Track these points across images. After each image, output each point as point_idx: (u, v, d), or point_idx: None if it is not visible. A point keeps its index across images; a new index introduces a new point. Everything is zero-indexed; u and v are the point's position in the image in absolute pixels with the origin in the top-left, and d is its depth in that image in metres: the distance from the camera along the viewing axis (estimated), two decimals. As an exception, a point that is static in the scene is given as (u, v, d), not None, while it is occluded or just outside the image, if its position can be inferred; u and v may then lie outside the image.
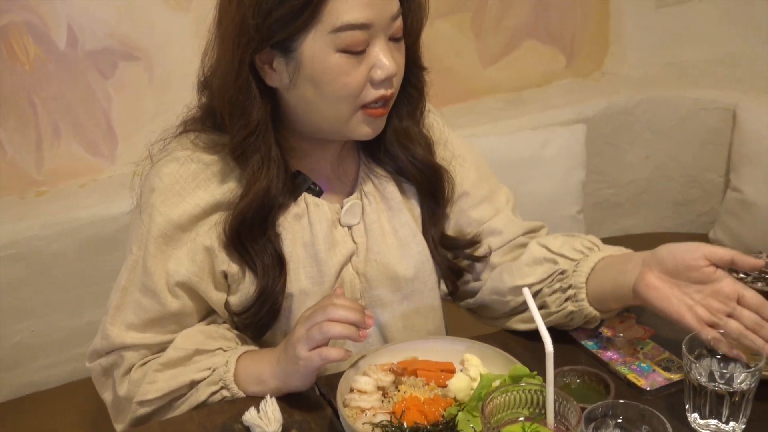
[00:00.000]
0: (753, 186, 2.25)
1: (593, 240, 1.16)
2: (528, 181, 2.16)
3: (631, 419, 0.85)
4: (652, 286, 1.01)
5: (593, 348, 1.13)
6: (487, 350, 1.05)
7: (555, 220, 2.19)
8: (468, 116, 2.36)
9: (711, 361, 0.98)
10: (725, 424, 0.94)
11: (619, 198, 2.58)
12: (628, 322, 1.14)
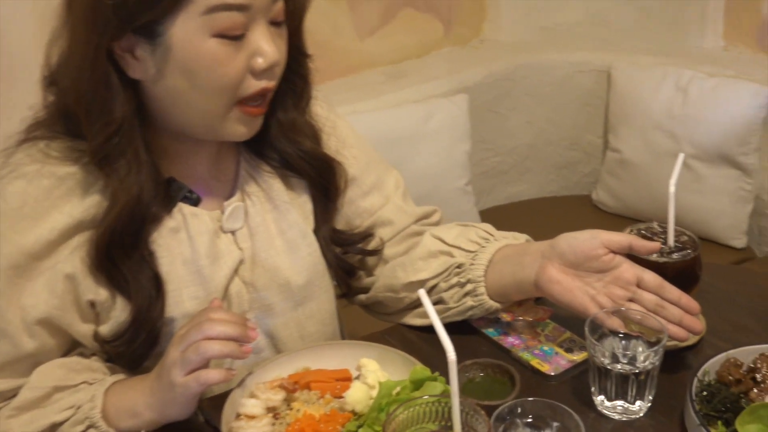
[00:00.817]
0: (630, 145, 2.30)
1: (488, 229, 1.10)
2: (414, 156, 2.11)
3: (541, 416, 0.81)
4: (554, 280, 0.97)
5: (494, 335, 1.08)
6: (385, 352, 0.98)
7: (443, 193, 2.15)
8: (348, 92, 2.27)
9: (613, 340, 0.95)
10: (632, 404, 0.92)
11: (504, 166, 2.58)
12: (526, 303, 1.10)
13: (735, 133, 2.10)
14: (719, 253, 2.17)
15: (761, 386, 0.89)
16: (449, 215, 2.16)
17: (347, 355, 0.99)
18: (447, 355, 0.72)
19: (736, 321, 1.10)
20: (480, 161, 2.49)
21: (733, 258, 2.18)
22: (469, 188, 2.22)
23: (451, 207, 2.16)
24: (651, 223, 1.08)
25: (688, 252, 1.01)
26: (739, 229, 2.19)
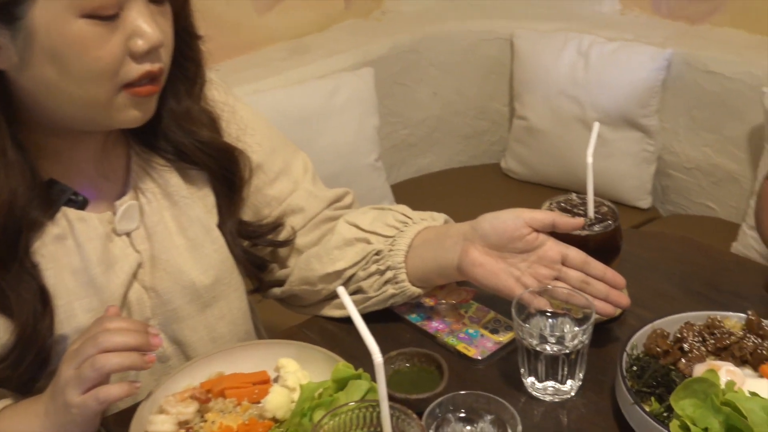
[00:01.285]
0: (535, 112, 2.29)
1: (405, 211, 1.05)
2: (321, 134, 2.03)
3: (474, 408, 0.77)
4: (477, 263, 0.92)
5: (417, 321, 1.04)
6: (305, 350, 0.92)
7: (354, 170, 2.09)
8: (248, 70, 2.16)
9: (541, 319, 0.92)
10: (563, 384, 0.89)
11: (413, 138, 2.53)
12: (448, 286, 1.06)
13: (636, 96, 2.13)
14: (626, 215, 2.21)
15: (689, 356, 0.88)
16: (361, 192, 2.11)
17: (264, 355, 0.92)
18: (373, 358, 0.66)
19: (657, 288, 1.10)
20: (388, 135, 2.44)
21: (639, 219, 2.23)
22: (380, 164, 2.17)
23: (362, 184, 2.11)
24: (569, 195, 1.05)
25: (609, 223, 0.99)
26: (644, 189, 2.23)
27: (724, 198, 2.18)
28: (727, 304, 1.05)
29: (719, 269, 1.14)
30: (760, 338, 0.89)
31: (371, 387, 0.83)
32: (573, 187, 2.32)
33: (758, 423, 0.72)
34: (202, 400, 0.84)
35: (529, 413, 0.89)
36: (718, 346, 0.89)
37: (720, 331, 0.90)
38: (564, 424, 0.87)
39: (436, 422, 0.75)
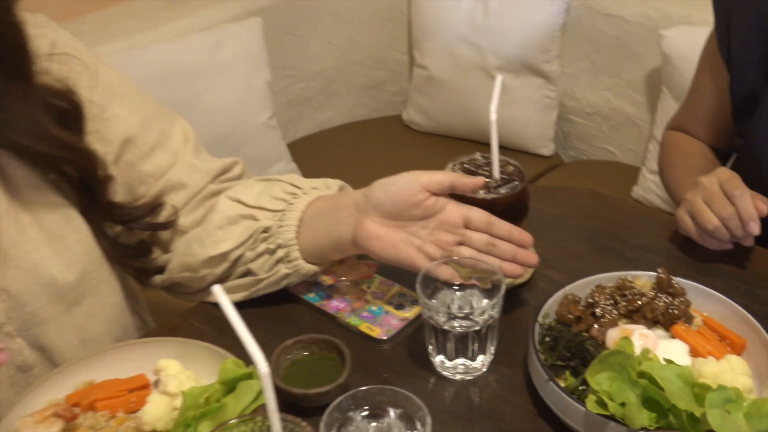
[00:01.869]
0: (436, 61, 2.21)
1: (295, 181, 0.95)
2: (206, 92, 1.87)
3: (378, 403, 0.69)
4: (373, 235, 0.84)
5: (316, 300, 0.95)
6: (189, 346, 0.82)
7: (246, 131, 1.96)
8: (122, 23, 1.97)
9: (449, 293, 0.86)
10: (473, 360, 0.83)
11: (309, 92, 2.41)
12: (348, 260, 0.98)
13: (536, 41, 2.08)
14: (529, 163, 2.19)
15: (601, 321, 0.84)
16: (255, 154, 1.99)
17: (142, 356, 0.81)
18: (257, 368, 0.57)
19: (566, 246, 1.05)
20: (282, 90, 2.30)
21: (543, 166, 2.20)
22: (274, 122, 2.04)
23: (255, 145, 1.98)
24: (473, 155, 0.98)
25: (516, 184, 0.92)
26: (547, 136, 2.21)
27: (623, 142, 2.18)
28: (636, 259, 1.02)
29: (627, 223, 1.11)
30: (671, 296, 0.86)
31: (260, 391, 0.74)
32: (477, 137, 2.28)
33: (675, 392, 0.68)
34: (68, 418, 0.73)
35: (440, 394, 0.82)
36: (630, 308, 0.84)
37: (631, 292, 0.86)
38: (476, 404, 0.81)
39: (337, 424, 0.67)
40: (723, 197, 0.94)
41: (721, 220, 0.94)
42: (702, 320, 0.85)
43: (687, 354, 0.80)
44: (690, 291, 0.87)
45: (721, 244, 0.98)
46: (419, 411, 0.66)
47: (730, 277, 0.97)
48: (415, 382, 0.84)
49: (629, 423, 0.68)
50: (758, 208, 0.92)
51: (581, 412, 0.71)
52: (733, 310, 0.84)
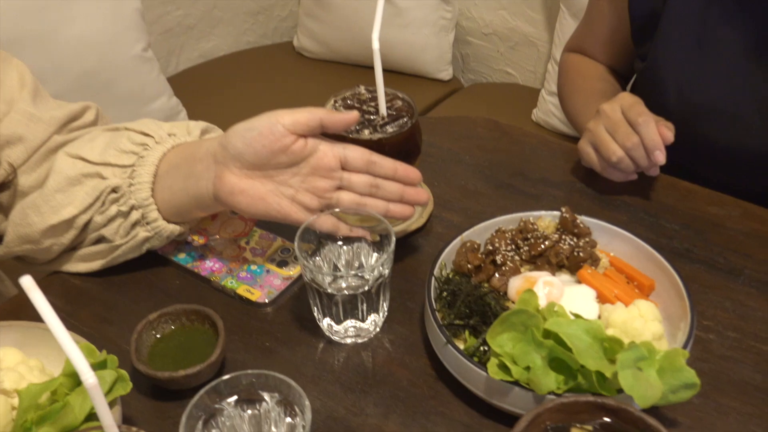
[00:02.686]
0: (324, -19, 2.06)
1: (147, 129, 0.81)
2: (66, 23, 1.66)
3: (249, 388, 0.60)
4: (236, 190, 0.72)
5: (187, 262, 0.84)
6: (33, 331, 0.69)
7: (118, 65, 1.76)
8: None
9: (333, 248, 0.76)
10: (363, 321, 0.75)
11: (190, 19, 2.21)
12: (221, 215, 0.86)
13: (429, -43, 1.95)
14: (428, 88, 2.09)
15: (503, 269, 0.76)
16: (130, 90, 1.80)
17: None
18: (83, 380, 0.46)
19: (463, 185, 0.97)
20: (158, 18, 2.10)
21: (442, 91, 2.11)
22: (150, 53, 1.84)
23: (130, 80, 1.79)
24: (357, 88, 0.87)
25: (405, 120, 0.82)
26: (444, 60, 2.11)
27: (522, 63, 2.12)
28: (538, 195, 0.95)
29: (528, 155, 1.03)
30: (576, 238, 0.79)
31: (119, 376, 0.63)
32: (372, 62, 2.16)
33: (583, 350, 0.61)
34: None
35: (329, 362, 0.74)
36: (533, 253, 0.77)
37: (534, 235, 0.79)
38: (369, 370, 0.73)
39: (204, 417, 0.57)
40: (627, 126, 0.88)
41: (626, 151, 0.88)
42: (608, 261, 0.79)
43: (594, 300, 0.74)
44: (595, 230, 0.81)
45: (625, 176, 0.93)
46: (299, 398, 0.57)
47: (636, 209, 0.92)
48: (302, 349, 0.75)
49: (535, 388, 0.62)
50: (663, 136, 0.86)
51: (483, 377, 0.64)
52: (640, 248, 0.78)
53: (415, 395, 0.70)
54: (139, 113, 1.82)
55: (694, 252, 0.85)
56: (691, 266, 0.83)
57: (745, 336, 0.75)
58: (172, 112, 1.90)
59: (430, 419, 0.67)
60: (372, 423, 0.68)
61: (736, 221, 0.90)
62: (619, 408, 0.57)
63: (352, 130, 0.80)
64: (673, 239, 0.87)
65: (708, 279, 0.82)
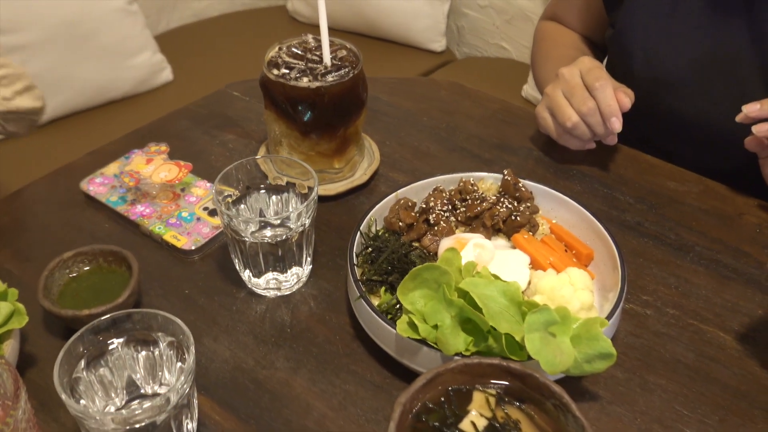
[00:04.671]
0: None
1: None
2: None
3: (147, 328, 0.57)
4: None
5: (119, 205, 0.81)
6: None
7: (99, 16, 1.73)
8: None
9: (260, 196, 0.73)
10: (283, 273, 0.72)
11: (184, -24, 2.17)
12: (156, 161, 0.83)
13: None
14: (419, 58, 2.05)
15: (435, 229, 0.73)
16: (113, 40, 1.77)
17: None
18: None
19: (417, 146, 0.93)
20: (151, -27, 2.07)
21: (433, 62, 2.07)
22: (135, 7, 1.81)
23: (113, 33, 1.76)
24: (304, 36, 0.83)
25: (347, 71, 0.79)
26: (438, 30, 2.06)
27: (516, 37, 2.07)
28: (492, 161, 0.91)
29: (489, 120, 1.00)
30: (516, 201, 0.76)
31: (16, 309, 0.61)
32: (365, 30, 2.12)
33: (497, 312, 0.58)
34: None
35: (246, 313, 0.71)
36: (469, 214, 0.74)
37: (472, 197, 0.75)
38: (287, 324, 0.70)
39: (88, 354, 0.55)
40: (584, 90, 0.84)
41: (581, 116, 0.84)
42: (549, 228, 0.76)
43: (527, 266, 0.71)
44: (539, 196, 0.77)
45: (582, 144, 0.89)
46: (187, 339, 0.54)
47: (591, 180, 0.88)
48: (221, 299, 0.72)
49: (442, 348, 0.59)
50: (621, 102, 0.82)
51: (392, 335, 0.61)
52: (583, 217, 0.74)
53: (329, 352, 0.67)
54: (121, 66, 1.79)
55: (645, 226, 0.82)
56: (639, 240, 0.80)
57: (685, 313, 0.71)
58: (156, 68, 1.87)
59: (340, 376, 0.65)
60: (280, 377, 0.65)
61: (695, 198, 0.86)
62: (524, 373, 0.54)
63: (292, 77, 0.77)
64: (625, 212, 0.84)
65: (655, 254, 0.78)
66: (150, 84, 1.86)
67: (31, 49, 1.63)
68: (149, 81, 1.86)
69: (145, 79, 1.85)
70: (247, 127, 0.96)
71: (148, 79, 1.86)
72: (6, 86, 0.90)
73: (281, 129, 0.81)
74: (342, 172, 0.85)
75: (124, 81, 1.82)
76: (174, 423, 0.54)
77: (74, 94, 1.74)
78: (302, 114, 0.78)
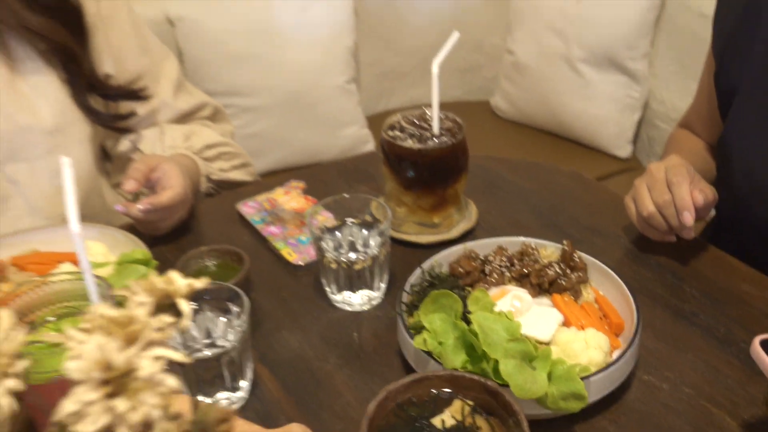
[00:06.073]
0: (523, 47, 2.20)
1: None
2: (289, 48, 2.00)
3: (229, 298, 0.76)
4: None
5: (258, 224, 1.03)
6: (118, 235, 0.93)
7: (322, 90, 2.06)
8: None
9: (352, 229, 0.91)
10: (354, 292, 0.87)
11: (405, 67, 2.47)
12: (291, 191, 1.05)
13: (623, 36, 2.01)
14: (601, 162, 2.12)
15: (488, 279, 0.85)
16: (329, 113, 2.10)
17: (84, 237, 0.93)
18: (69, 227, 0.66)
19: (516, 217, 1.05)
20: (376, 62, 2.39)
21: (616, 167, 2.13)
22: (352, 87, 2.13)
23: (330, 105, 2.08)
24: (423, 109, 1.01)
25: (449, 139, 0.95)
26: (625, 137, 2.13)
27: (704, 152, 2.06)
28: (581, 240, 1.00)
29: (592, 206, 1.08)
30: (571, 269, 0.85)
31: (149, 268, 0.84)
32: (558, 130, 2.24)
33: (492, 341, 0.69)
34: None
35: (322, 320, 0.88)
36: (521, 272, 0.85)
37: (530, 258, 0.86)
38: (349, 333, 0.85)
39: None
40: (663, 184, 0.91)
41: (657, 208, 0.91)
42: (594, 297, 0.84)
43: (557, 322, 0.79)
44: (592, 268, 0.86)
45: (661, 235, 0.95)
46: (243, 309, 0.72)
47: (664, 270, 0.94)
48: (307, 304, 0.90)
49: (443, 362, 0.70)
50: (694, 199, 0.88)
51: (411, 346, 0.74)
52: (623, 293, 0.82)
53: (372, 359, 0.81)
54: (332, 134, 2.11)
55: (699, 317, 0.86)
56: (688, 328, 0.84)
57: (700, 395, 0.75)
58: (361, 141, 2.16)
59: (372, 379, 0.78)
60: (327, 369, 0.80)
61: (765, 303, 0.88)
62: (496, 391, 0.64)
63: (402, 139, 0.95)
64: (685, 302, 0.88)
65: (698, 342, 0.82)
66: (353, 153, 2.15)
67: (261, 111, 1.99)
68: (353, 150, 2.15)
69: (350, 148, 2.14)
70: (380, 182, 1.14)
71: (353, 148, 2.15)
72: (226, 160, 1.17)
73: (391, 183, 0.98)
74: (439, 227, 1.00)
75: (332, 147, 2.12)
76: (227, 372, 0.72)
77: (289, 153, 2.07)
78: (406, 171, 0.95)
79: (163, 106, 1.12)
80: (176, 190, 0.95)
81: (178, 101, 1.13)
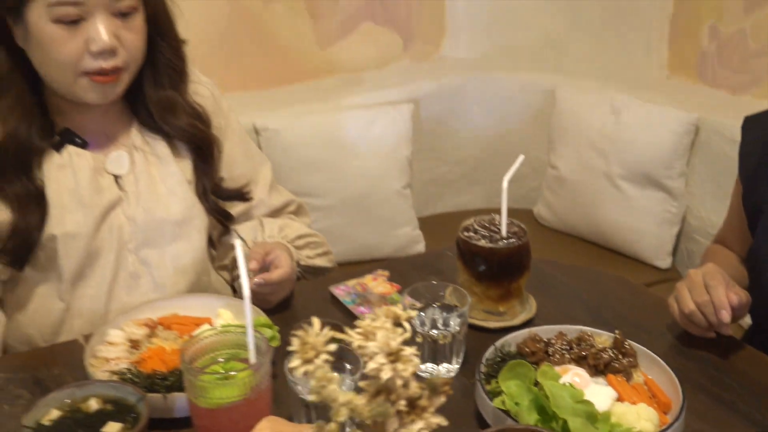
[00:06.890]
0: (566, 163, 2.40)
1: None
2: (355, 157, 2.23)
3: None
4: None
5: (349, 304, 1.20)
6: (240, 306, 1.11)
7: (381, 194, 2.27)
8: (303, 94, 2.41)
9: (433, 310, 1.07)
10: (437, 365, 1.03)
11: (452, 175, 2.69)
12: (378, 277, 1.22)
13: (661, 157, 2.20)
14: (641, 272, 2.26)
15: (551, 359, 1.00)
16: (387, 214, 2.30)
17: (214, 305, 1.11)
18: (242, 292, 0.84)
19: (569, 313, 1.21)
20: (428, 169, 2.61)
21: (655, 277, 2.27)
22: (407, 191, 2.34)
23: (388, 208, 2.29)
24: (492, 215, 1.20)
25: (515, 241, 1.12)
26: (664, 249, 2.28)
27: (737, 266, 2.20)
28: (628, 334, 1.15)
29: (638, 306, 1.23)
30: (622, 355, 1.00)
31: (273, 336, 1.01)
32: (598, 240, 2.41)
33: (563, 406, 0.83)
34: (151, 326, 1.06)
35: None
36: (580, 355, 1.00)
37: (587, 343, 1.01)
38: (431, 399, 1.00)
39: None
40: (702, 286, 1.06)
41: (697, 306, 1.06)
42: (644, 380, 0.98)
43: (611, 398, 0.93)
44: (642, 356, 1.00)
45: (701, 331, 1.09)
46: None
47: (706, 362, 1.07)
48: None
49: (519, 419, 0.85)
50: (730, 299, 1.03)
51: (490, 407, 0.89)
52: (669, 377, 0.96)
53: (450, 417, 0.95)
54: (387, 234, 2.30)
55: (737, 405, 0.99)
56: (728, 413, 0.97)
57: (738, 466, 0.87)
58: (413, 240, 2.35)
59: None
60: (414, 427, 0.94)
61: (799, 396, 1.01)
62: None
63: (475, 238, 1.13)
64: (725, 391, 1.01)
65: (737, 425, 0.95)
66: (405, 252, 2.33)
67: (327, 210, 2.20)
68: (406, 249, 2.33)
69: (403, 247, 2.33)
70: (447, 275, 1.31)
71: (406, 247, 2.33)
72: (312, 249, 1.35)
73: (464, 275, 1.15)
74: (504, 315, 1.15)
75: (387, 246, 2.31)
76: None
77: (350, 249, 2.25)
78: (478, 266, 1.12)
79: (260, 203, 1.33)
80: (285, 269, 1.13)
81: (271, 199, 1.34)
